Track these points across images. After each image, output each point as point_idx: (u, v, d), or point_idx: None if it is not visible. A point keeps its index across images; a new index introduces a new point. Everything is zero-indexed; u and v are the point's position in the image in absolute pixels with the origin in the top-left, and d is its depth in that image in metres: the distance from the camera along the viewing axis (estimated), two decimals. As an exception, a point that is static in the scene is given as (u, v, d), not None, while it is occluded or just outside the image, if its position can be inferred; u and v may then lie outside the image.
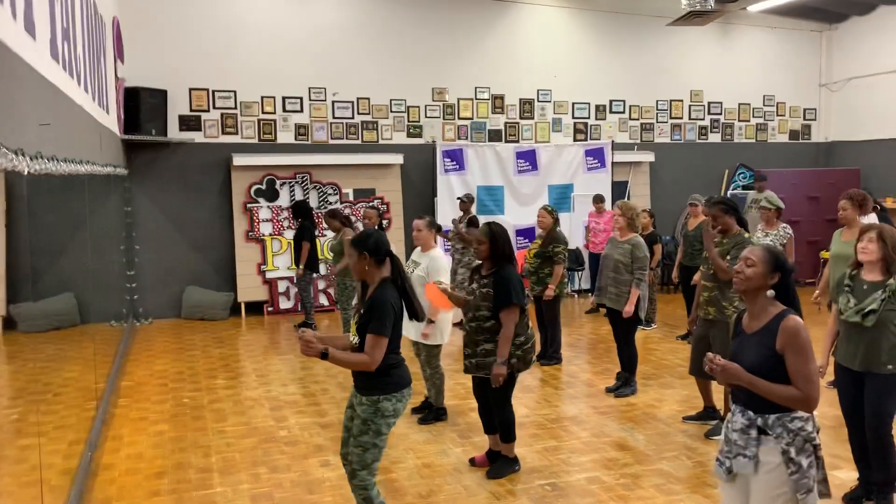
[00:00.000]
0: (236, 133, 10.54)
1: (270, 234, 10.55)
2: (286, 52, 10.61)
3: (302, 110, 10.83)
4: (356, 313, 3.78)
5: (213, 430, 5.83)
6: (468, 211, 9.66)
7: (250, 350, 8.53)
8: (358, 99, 11.06)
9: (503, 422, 4.90)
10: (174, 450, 5.41)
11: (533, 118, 12.09)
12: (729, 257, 5.33)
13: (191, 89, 10.27)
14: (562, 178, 11.80)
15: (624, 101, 12.56)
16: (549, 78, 12.06)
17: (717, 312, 5.37)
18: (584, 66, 12.25)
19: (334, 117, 10.99)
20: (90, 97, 5.47)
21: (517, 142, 11.92)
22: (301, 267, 9.23)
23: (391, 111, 11.26)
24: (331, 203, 10.75)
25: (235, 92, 10.47)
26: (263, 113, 10.65)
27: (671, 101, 12.85)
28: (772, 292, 3.06)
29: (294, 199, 10.49)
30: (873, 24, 12.81)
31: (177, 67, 10.08)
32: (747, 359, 2.99)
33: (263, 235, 10.52)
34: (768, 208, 7.33)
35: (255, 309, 10.50)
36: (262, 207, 10.52)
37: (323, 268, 9.91)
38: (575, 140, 12.25)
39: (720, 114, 13.21)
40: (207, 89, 10.35)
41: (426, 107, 11.44)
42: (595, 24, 12.23)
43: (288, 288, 10.52)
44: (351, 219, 9.03)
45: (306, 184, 10.72)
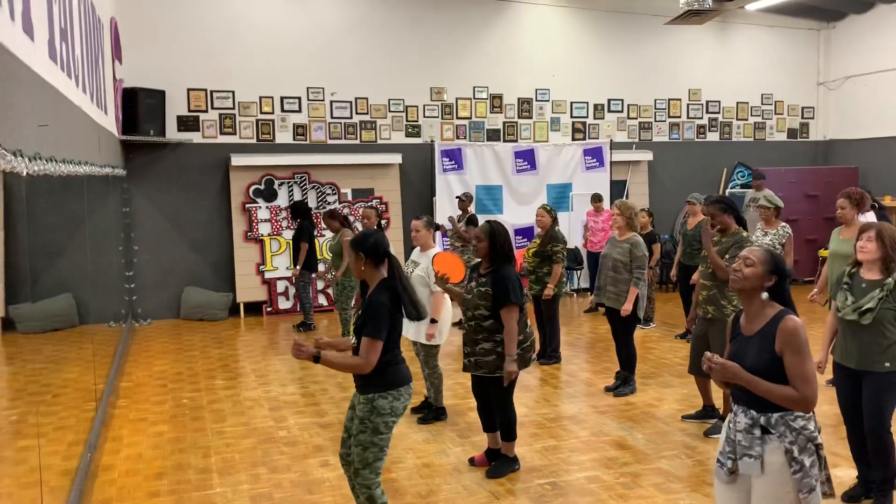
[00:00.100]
0: (234, 133, 10.54)
1: (269, 235, 10.54)
2: (284, 52, 10.61)
3: (300, 110, 10.82)
4: (356, 314, 3.78)
5: (213, 430, 5.83)
6: (467, 210, 9.67)
7: (249, 350, 8.53)
8: (356, 99, 11.06)
9: (505, 421, 4.91)
10: (173, 450, 5.41)
11: (531, 117, 12.09)
12: (728, 256, 5.33)
13: (189, 90, 10.27)
14: (560, 177, 11.81)
15: (622, 101, 12.56)
16: (548, 77, 12.06)
17: (716, 311, 5.38)
18: (582, 65, 12.25)
19: (333, 117, 10.99)
20: (88, 98, 5.47)
21: (515, 141, 11.92)
22: (298, 267, 9.24)
23: (389, 111, 11.26)
24: (329, 203, 10.74)
25: (234, 92, 10.47)
26: (262, 113, 10.64)
27: (669, 100, 12.86)
28: (766, 294, 3.06)
29: (292, 200, 10.49)
30: (871, 22, 12.82)
31: (175, 68, 10.07)
32: (747, 360, 2.99)
33: (262, 236, 10.51)
34: (767, 207, 7.30)
35: (254, 309, 10.50)
36: (260, 208, 10.52)
37: (322, 267, 9.90)
38: (573, 139, 12.26)
39: (718, 112, 13.22)
40: (206, 90, 10.35)
41: (424, 106, 11.44)
42: (593, 23, 12.24)
43: (287, 288, 10.52)
44: (350, 219, 9.03)
45: (305, 184, 10.72)
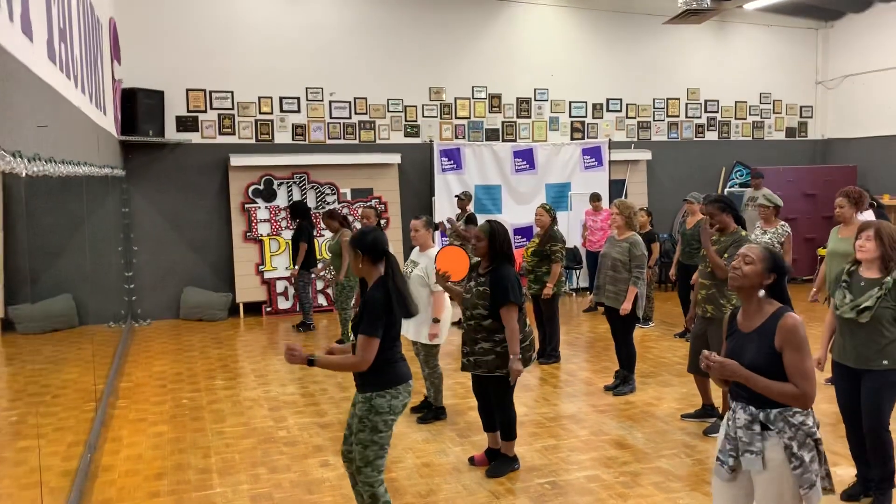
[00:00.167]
0: (233, 133, 10.54)
1: (268, 235, 10.54)
2: (283, 52, 10.61)
3: (299, 110, 10.82)
4: (355, 312, 3.79)
5: (213, 430, 5.83)
6: (465, 209, 9.67)
7: (249, 351, 8.53)
8: (355, 99, 11.06)
9: (505, 420, 4.91)
10: (173, 451, 5.41)
11: (530, 117, 12.09)
12: (726, 255, 5.34)
13: (188, 90, 10.27)
14: (559, 176, 11.82)
15: (621, 100, 12.57)
16: (546, 77, 12.07)
17: (715, 310, 5.39)
18: (580, 64, 12.25)
19: (331, 117, 10.99)
20: (87, 98, 5.47)
21: (514, 141, 11.92)
22: (296, 267, 9.24)
23: (388, 111, 11.26)
24: (328, 203, 10.74)
25: (232, 92, 10.47)
26: (261, 113, 10.64)
27: (668, 99, 12.86)
28: (763, 292, 3.06)
29: (292, 200, 10.49)
30: (869, 21, 12.84)
31: (174, 68, 10.07)
32: (746, 357, 3.00)
33: (261, 236, 10.51)
34: (767, 206, 7.28)
35: (253, 309, 10.50)
36: (259, 208, 10.52)
37: (320, 265, 9.89)
38: (572, 139, 12.26)
39: (717, 112, 13.22)
40: (204, 90, 10.35)
41: (423, 106, 11.44)
42: (592, 23, 12.24)
43: (286, 288, 10.52)
44: (349, 219, 9.03)
45: (304, 184, 10.72)
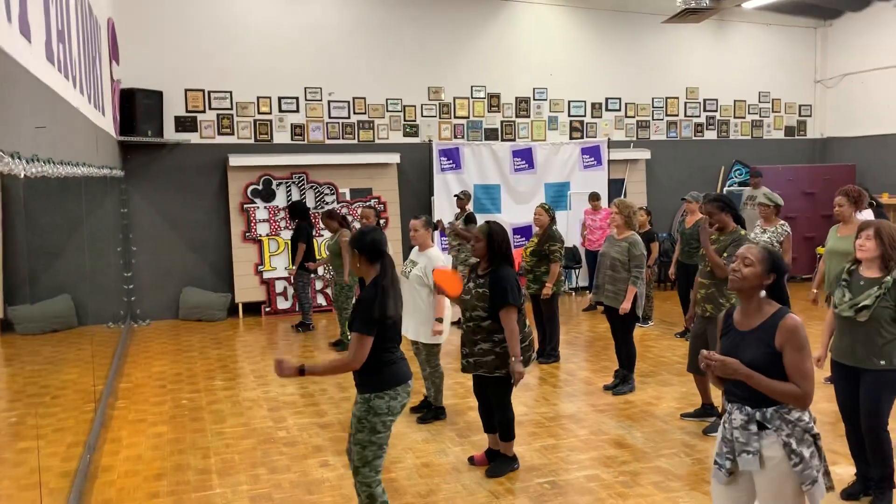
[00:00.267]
0: (232, 134, 10.53)
1: (267, 235, 10.54)
2: (282, 52, 10.60)
3: (298, 110, 10.82)
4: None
5: (212, 431, 5.83)
6: (464, 208, 9.67)
7: (248, 351, 8.52)
8: (354, 98, 11.05)
9: (503, 421, 4.91)
10: (173, 451, 5.41)
11: (529, 116, 12.09)
12: (726, 254, 5.34)
13: (186, 90, 10.26)
14: (558, 176, 11.81)
15: (620, 99, 12.57)
16: (545, 76, 12.06)
17: (714, 309, 5.38)
18: (579, 63, 12.25)
19: (330, 117, 10.98)
20: (86, 99, 5.46)
21: (513, 140, 11.92)
22: (295, 267, 9.23)
23: (387, 110, 11.25)
24: (328, 203, 10.74)
25: (231, 92, 10.46)
26: (259, 113, 10.63)
27: (667, 98, 12.86)
28: (763, 292, 3.07)
29: (290, 200, 10.48)
30: (868, 20, 12.84)
31: (172, 68, 10.06)
32: (745, 356, 3.00)
33: (260, 236, 10.51)
34: (767, 205, 7.24)
35: (252, 309, 10.50)
36: (258, 208, 10.51)
37: (321, 269, 9.89)
38: (571, 138, 12.26)
39: (716, 111, 13.22)
40: (203, 90, 10.34)
41: (422, 106, 11.44)
42: (590, 22, 12.24)
43: (286, 288, 10.51)
44: (348, 219, 9.03)
45: (303, 184, 10.71)
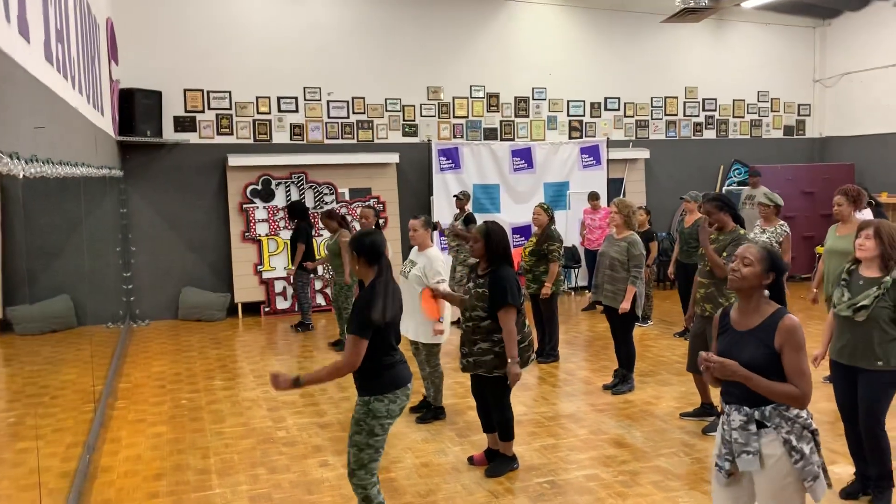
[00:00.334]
0: (231, 134, 10.52)
1: (267, 235, 10.53)
2: (281, 52, 10.60)
3: (297, 110, 10.81)
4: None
5: (212, 431, 5.83)
6: (464, 208, 9.67)
7: (248, 351, 8.52)
8: (353, 98, 11.05)
9: (502, 420, 4.91)
10: (172, 451, 5.41)
11: (528, 116, 12.09)
12: (725, 254, 5.34)
13: (185, 90, 10.25)
14: (557, 175, 11.82)
15: (619, 99, 12.57)
16: (544, 76, 12.06)
17: (714, 309, 5.37)
18: (578, 63, 12.25)
19: (329, 117, 10.98)
20: (85, 99, 5.46)
21: (512, 140, 11.92)
22: (294, 268, 9.22)
23: (386, 110, 11.25)
24: (327, 203, 10.73)
25: (230, 92, 10.46)
26: (258, 113, 10.63)
27: (666, 97, 12.87)
28: (767, 292, 3.07)
29: (290, 200, 10.48)
30: (867, 19, 12.85)
31: (171, 68, 10.06)
32: (743, 356, 3.00)
33: (259, 236, 10.50)
34: (768, 205, 7.21)
35: (251, 309, 10.49)
36: (257, 208, 10.51)
37: (320, 269, 9.89)
38: (570, 138, 12.26)
39: (715, 110, 13.23)
40: (202, 90, 10.33)
41: (421, 105, 11.43)
42: (589, 22, 12.24)
43: (285, 288, 10.51)
44: (347, 219, 9.02)
45: (302, 184, 10.71)
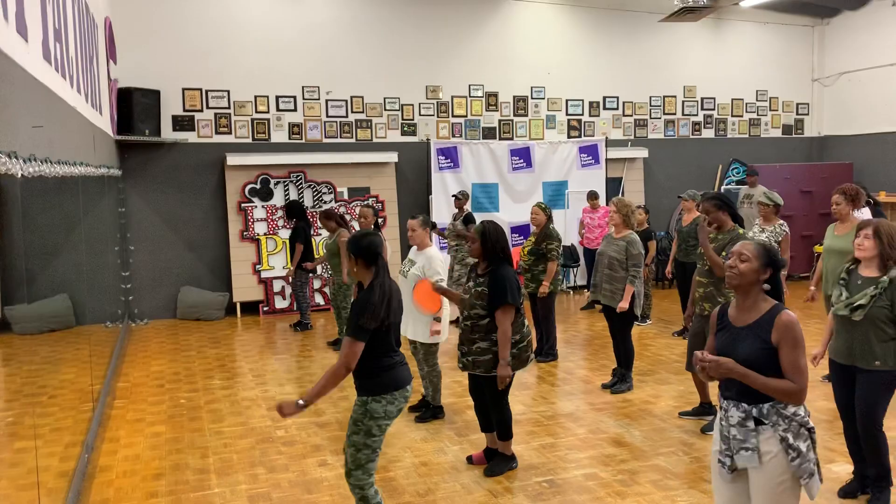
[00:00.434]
0: (230, 133, 10.51)
1: (265, 234, 10.53)
2: (279, 51, 10.59)
3: (295, 109, 10.80)
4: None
5: (211, 430, 5.82)
6: (463, 208, 9.68)
7: (246, 350, 8.52)
8: (352, 97, 11.04)
9: (500, 420, 4.91)
10: (171, 451, 5.41)
11: (527, 115, 12.09)
12: (724, 253, 5.34)
13: (184, 89, 10.24)
14: (556, 174, 11.82)
15: (617, 98, 12.57)
16: (543, 75, 12.06)
17: (713, 308, 5.38)
18: (577, 62, 12.25)
19: (328, 116, 10.98)
20: (83, 98, 5.46)
21: (511, 139, 11.92)
22: (292, 268, 9.21)
23: (385, 109, 11.25)
24: (325, 202, 10.73)
25: (229, 91, 10.45)
26: (257, 112, 10.62)
27: (664, 97, 12.87)
28: (767, 286, 3.08)
29: (288, 199, 10.47)
30: (865, 18, 12.85)
31: (170, 67, 10.05)
32: (740, 352, 3.00)
33: (258, 235, 10.50)
34: (767, 204, 7.19)
35: (250, 309, 10.49)
36: (256, 207, 10.50)
37: (319, 268, 9.89)
38: (569, 137, 12.26)
39: (713, 109, 13.23)
40: (200, 89, 10.33)
41: (420, 105, 11.43)
42: (588, 21, 12.24)
43: (283, 287, 10.51)
44: (346, 218, 9.01)
45: (301, 183, 10.70)
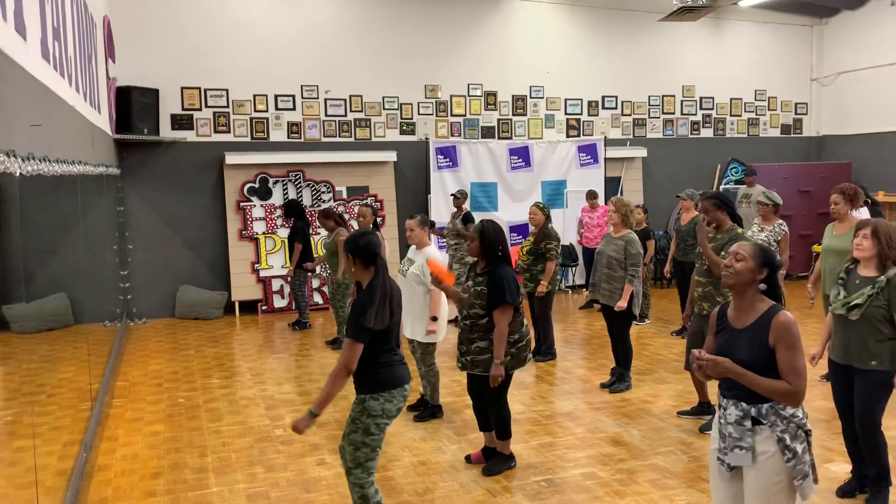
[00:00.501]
0: (229, 132, 10.51)
1: (264, 233, 10.52)
2: (278, 49, 10.58)
3: (294, 108, 10.80)
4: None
5: (209, 429, 5.82)
6: (461, 207, 9.68)
7: (245, 349, 8.52)
8: (350, 96, 11.04)
9: (499, 419, 4.91)
10: (169, 450, 5.40)
11: (526, 114, 12.09)
12: (723, 253, 5.34)
13: (182, 88, 10.23)
14: (555, 174, 11.82)
15: (616, 97, 12.57)
16: (542, 74, 12.06)
17: (711, 307, 5.38)
18: (576, 62, 12.25)
19: (327, 115, 10.97)
20: (81, 97, 5.45)
21: (510, 138, 11.92)
22: (292, 268, 9.21)
23: (384, 108, 11.24)
24: (324, 201, 10.73)
25: (227, 90, 10.44)
26: (256, 111, 10.61)
27: (663, 96, 12.87)
28: (763, 286, 3.08)
29: (287, 198, 10.46)
30: (864, 18, 12.86)
31: (168, 66, 10.03)
32: (739, 353, 3.01)
33: (257, 234, 10.49)
34: (766, 204, 7.19)
35: (249, 308, 10.48)
36: (255, 206, 10.50)
37: (318, 268, 9.88)
38: (567, 136, 12.26)
39: (712, 109, 13.23)
40: (199, 88, 10.32)
41: (419, 104, 11.42)
42: (587, 20, 12.24)
43: (282, 286, 10.51)
44: (345, 217, 9.01)
45: (299, 182, 10.69)
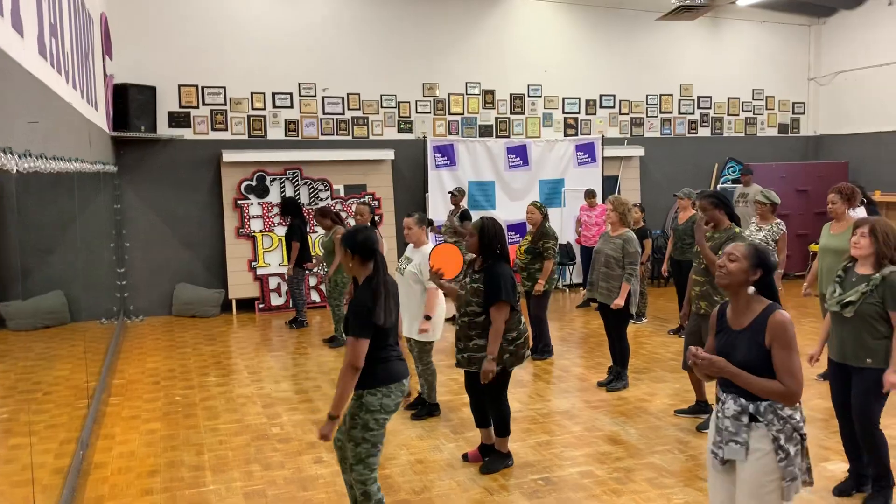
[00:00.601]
0: (226, 129, 10.49)
1: (261, 231, 10.51)
2: (276, 47, 10.57)
3: (292, 106, 10.78)
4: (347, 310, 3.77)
5: (206, 427, 5.81)
6: (459, 205, 9.68)
7: (242, 347, 8.51)
8: (348, 94, 11.03)
9: (498, 416, 4.91)
10: (166, 448, 5.40)
11: (523, 113, 12.09)
12: (720, 252, 5.34)
13: (180, 85, 10.21)
14: (552, 172, 11.82)
15: (614, 96, 12.57)
16: (540, 73, 12.06)
17: (709, 307, 5.38)
18: (574, 61, 12.25)
19: (324, 113, 10.96)
20: (79, 94, 5.44)
21: (508, 137, 11.92)
22: (291, 267, 9.19)
23: (381, 107, 11.23)
24: (322, 199, 10.72)
25: (225, 88, 10.42)
26: (253, 109, 10.60)
27: (661, 95, 12.88)
28: (752, 289, 3.08)
29: (284, 195, 10.45)
30: (862, 18, 12.87)
31: (166, 64, 10.02)
32: (738, 354, 3.01)
33: (254, 232, 10.48)
34: (764, 203, 7.19)
35: (246, 306, 10.47)
36: (252, 204, 10.48)
37: (314, 260, 9.87)
38: (565, 135, 12.26)
39: (709, 108, 13.24)
40: (197, 85, 10.30)
41: (417, 102, 11.42)
42: (585, 19, 12.24)
43: (279, 284, 10.50)
44: (342, 215, 9.00)
45: (297, 180, 10.68)
